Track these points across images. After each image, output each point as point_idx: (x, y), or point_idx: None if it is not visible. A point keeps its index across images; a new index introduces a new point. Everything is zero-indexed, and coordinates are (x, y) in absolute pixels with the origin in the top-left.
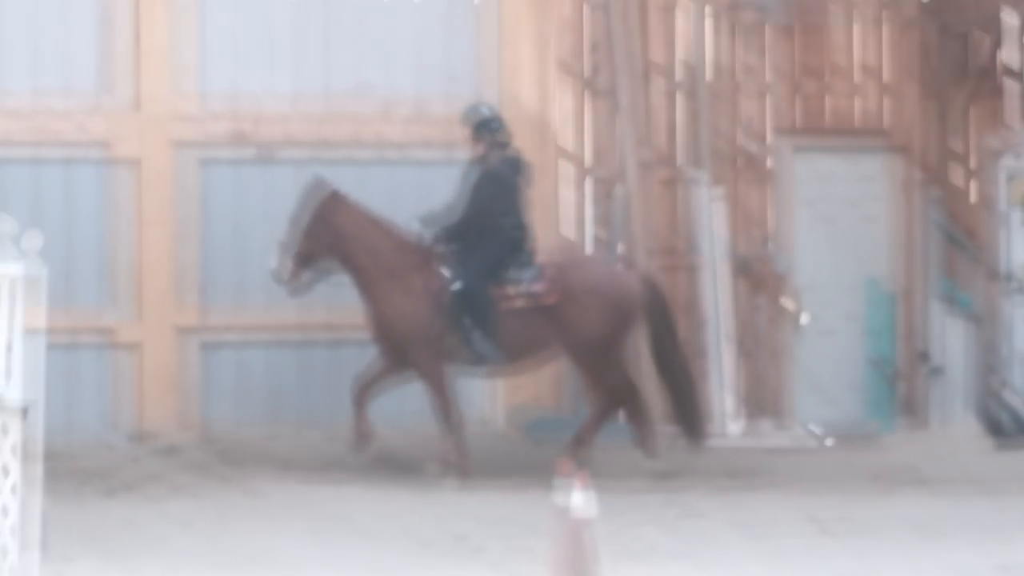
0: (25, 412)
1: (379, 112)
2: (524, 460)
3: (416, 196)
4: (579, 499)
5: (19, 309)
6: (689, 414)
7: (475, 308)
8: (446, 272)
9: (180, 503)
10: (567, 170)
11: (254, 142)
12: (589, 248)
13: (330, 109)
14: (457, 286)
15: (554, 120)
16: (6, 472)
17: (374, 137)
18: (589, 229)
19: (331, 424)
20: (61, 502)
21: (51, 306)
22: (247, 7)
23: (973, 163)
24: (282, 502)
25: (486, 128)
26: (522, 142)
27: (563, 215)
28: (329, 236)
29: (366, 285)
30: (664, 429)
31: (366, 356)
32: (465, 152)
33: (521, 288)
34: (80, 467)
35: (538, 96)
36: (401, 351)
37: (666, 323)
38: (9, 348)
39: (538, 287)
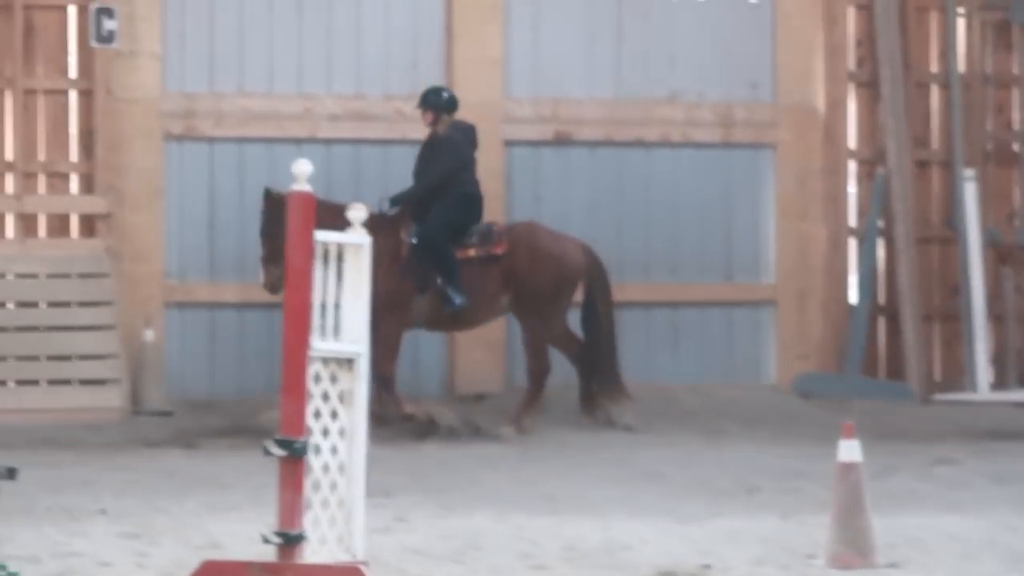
0: (351, 363)
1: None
2: (802, 417)
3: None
4: (850, 451)
5: (347, 272)
6: (608, 371)
7: (439, 259)
8: (408, 236)
9: (486, 447)
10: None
11: (573, 142)
12: None
13: (647, 114)
14: (417, 241)
15: (842, 122)
16: (335, 416)
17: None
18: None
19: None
20: (380, 445)
21: None
22: (559, 20)
23: None
24: (580, 448)
25: (433, 103)
26: (809, 142)
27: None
28: (282, 231)
29: None
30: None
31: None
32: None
33: (479, 246)
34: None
35: (825, 98)
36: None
37: (602, 287)
38: (337, 306)
39: (494, 245)
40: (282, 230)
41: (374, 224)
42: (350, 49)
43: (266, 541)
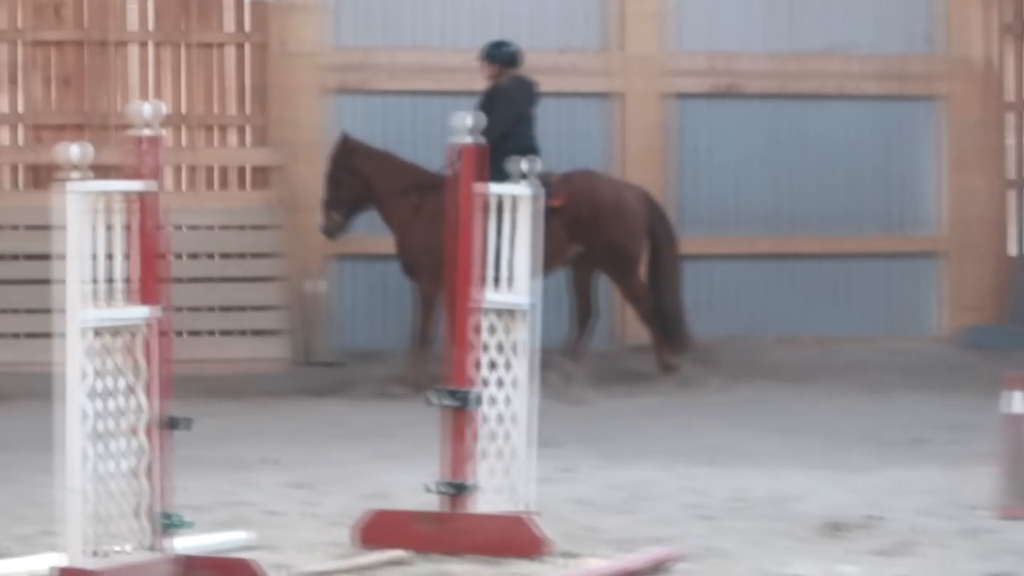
0: (521, 314)
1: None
2: (967, 368)
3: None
4: (1017, 402)
5: (520, 225)
6: (673, 325)
7: None
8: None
9: (651, 398)
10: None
11: (742, 95)
12: None
13: (815, 67)
14: None
15: (999, 73)
16: (508, 367)
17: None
18: None
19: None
20: (547, 396)
21: None
22: None
23: None
24: (744, 399)
25: (495, 56)
26: (969, 95)
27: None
28: (349, 178)
29: (389, 218)
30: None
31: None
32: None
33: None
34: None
35: (984, 53)
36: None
37: (666, 236)
38: (511, 259)
39: (551, 198)
40: (348, 176)
41: (428, 183)
42: (519, 3)
43: (434, 491)
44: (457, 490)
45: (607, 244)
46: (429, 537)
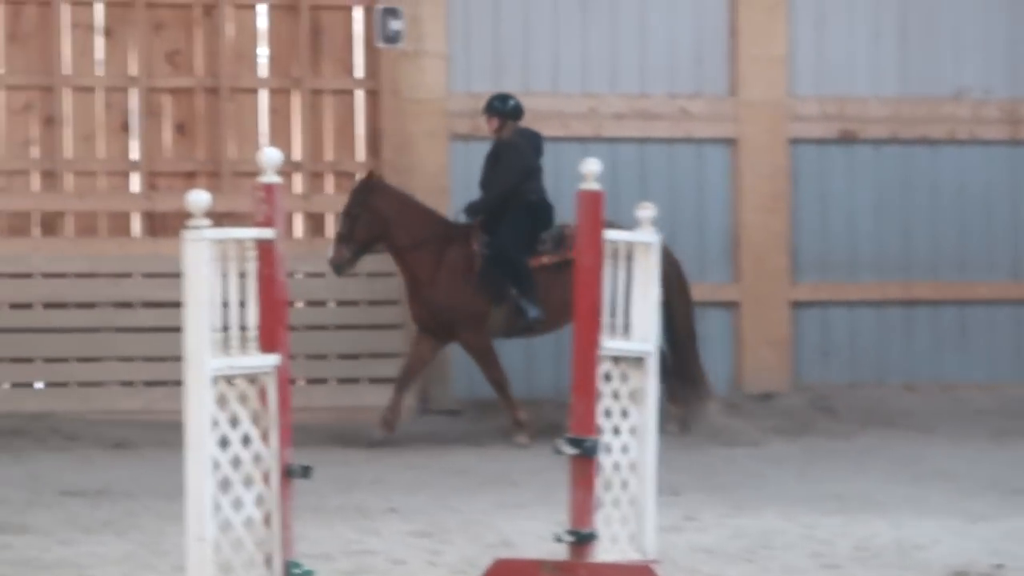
0: (642, 361)
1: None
2: None
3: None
4: None
5: (636, 271)
6: (690, 373)
7: (511, 271)
8: (480, 247)
9: (773, 445)
10: None
11: (859, 140)
12: None
13: (932, 112)
14: (488, 253)
15: None
16: (625, 415)
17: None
18: None
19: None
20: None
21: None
22: (843, 18)
23: None
24: (865, 447)
25: (498, 110)
26: None
27: None
28: (368, 217)
29: (411, 267)
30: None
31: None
32: None
33: (551, 252)
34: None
35: None
36: (447, 329)
37: (679, 286)
38: (628, 305)
39: (567, 250)
40: (368, 215)
41: (447, 234)
42: (634, 48)
43: (559, 540)
44: (580, 539)
45: None
46: None
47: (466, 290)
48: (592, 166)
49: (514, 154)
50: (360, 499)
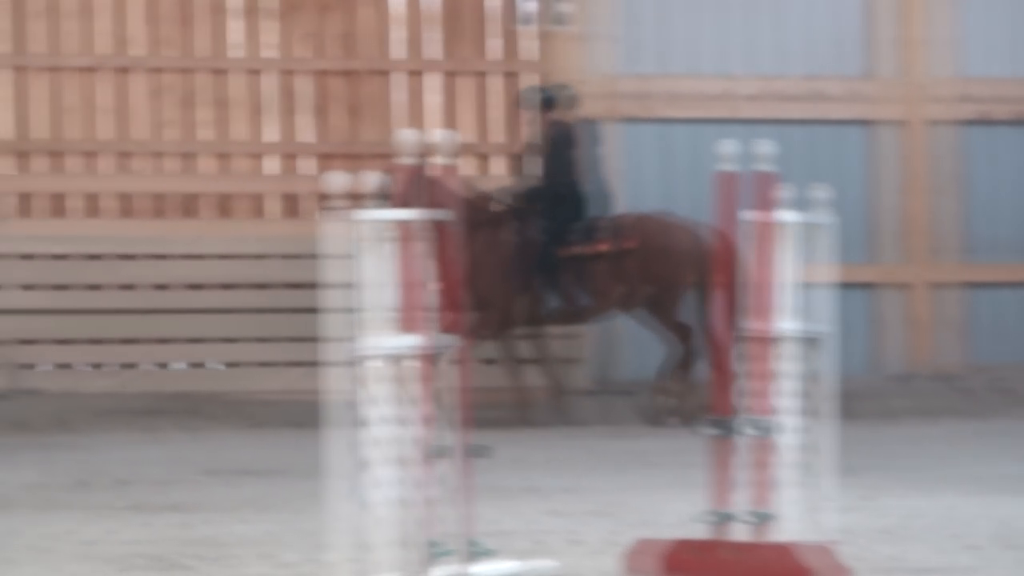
0: (817, 342)
1: None
2: None
3: None
4: None
5: (815, 252)
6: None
7: (538, 262)
8: (510, 235)
9: (914, 426)
10: None
11: (997, 121)
12: None
13: None
14: (517, 242)
15: None
16: (802, 396)
17: None
18: None
19: None
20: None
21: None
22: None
23: None
24: (1007, 429)
25: (529, 103)
26: None
27: None
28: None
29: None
30: None
31: None
32: None
33: (610, 241)
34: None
35: None
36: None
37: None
38: (800, 287)
39: (623, 240)
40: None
41: (478, 220)
42: (772, 29)
43: (742, 521)
44: (760, 519)
45: (676, 287)
46: (732, 566)
47: (513, 282)
48: (765, 147)
49: (547, 147)
50: (537, 479)
